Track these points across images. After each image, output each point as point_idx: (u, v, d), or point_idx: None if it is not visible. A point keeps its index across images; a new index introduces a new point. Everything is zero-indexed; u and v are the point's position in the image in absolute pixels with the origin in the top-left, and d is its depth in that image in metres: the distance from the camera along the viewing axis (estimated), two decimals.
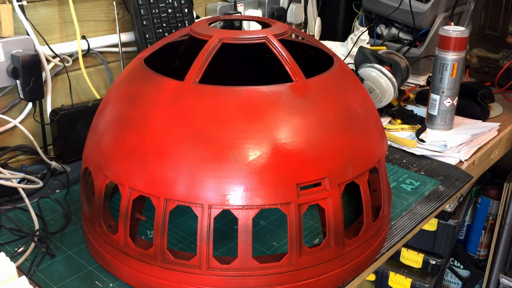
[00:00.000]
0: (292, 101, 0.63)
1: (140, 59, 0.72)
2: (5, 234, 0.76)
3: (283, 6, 1.40)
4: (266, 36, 0.69)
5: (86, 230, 0.72)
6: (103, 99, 0.73)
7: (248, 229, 0.60)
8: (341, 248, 0.65)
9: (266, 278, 0.62)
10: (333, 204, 0.62)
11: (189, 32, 0.73)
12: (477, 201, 1.70)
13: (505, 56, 1.38)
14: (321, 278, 0.65)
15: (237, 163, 0.59)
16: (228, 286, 0.62)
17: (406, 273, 1.53)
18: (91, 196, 0.75)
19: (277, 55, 0.67)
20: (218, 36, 0.68)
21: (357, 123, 0.68)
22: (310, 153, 0.61)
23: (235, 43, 0.69)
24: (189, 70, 0.64)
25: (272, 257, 0.64)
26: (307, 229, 0.78)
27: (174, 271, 0.63)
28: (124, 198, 0.63)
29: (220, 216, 0.60)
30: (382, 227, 0.74)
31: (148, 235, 0.76)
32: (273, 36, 0.69)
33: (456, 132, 1.12)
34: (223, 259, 0.62)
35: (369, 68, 1.15)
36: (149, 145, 0.62)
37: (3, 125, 0.94)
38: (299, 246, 0.62)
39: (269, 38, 0.69)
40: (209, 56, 0.65)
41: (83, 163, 0.72)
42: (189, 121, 0.61)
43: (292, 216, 0.60)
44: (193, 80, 0.63)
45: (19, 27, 0.91)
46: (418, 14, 1.38)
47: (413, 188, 0.92)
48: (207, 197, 0.59)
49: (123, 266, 0.66)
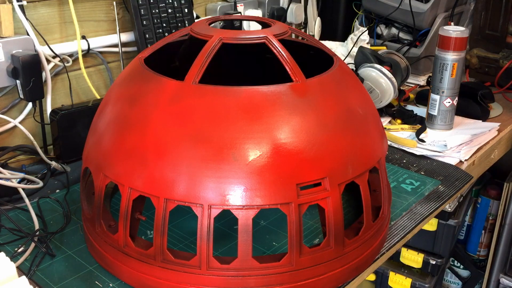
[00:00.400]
0: (292, 101, 0.63)
1: (140, 59, 0.72)
2: (5, 234, 0.76)
3: (283, 6, 1.40)
4: (266, 36, 0.69)
5: (86, 230, 0.72)
6: (103, 99, 0.73)
7: (248, 229, 0.60)
8: (341, 248, 0.65)
9: (266, 278, 0.62)
10: (333, 204, 0.62)
11: (189, 32, 0.73)
12: (477, 201, 1.70)
13: (505, 56, 1.38)
14: (321, 278, 0.65)
15: (237, 163, 0.59)
16: (228, 286, 0.62)
17: (406, 273, 1.53)
18: (91, 196, 0.75)
19: (277, 55, 0.67)
20: (218, 36, 0.68)
21: (357, 123, 0.68)
22: (310, 153, 0.61)
23: (235, 43, 0.69)
24: (189, 70, 0.64)
25: (272, 257, 0.64)
26: (307, 229, 0.78)
27: (174, 271, 0.63)
28: (124, 198, 0.63)
29: (220, 216, 0.60)
30: (382, 227, 0.74)
31: (148, 235, 0.76)
32: (273, 36, 0.69)
33: (456, 132, 1.12)
34: (223, 259, 0.62)
35: (369, 68, 1.15)
36: (149, 145, 0.62)
37: (3, 125, 0.94)
38: (299, 246, 0.62)
39: (269, 38, 0.69)
40: (209, 56, 0.65)
41: (83, 163, 0.72)
42: (189, 121, 0.61)
43: (292, 216, 0.60)
44: (193, 80, 0.63)
45: (19, 27, 0.91)
46: (418, 14, 1.38)
47: (413, 188, 0.92)
48: (207, 197, 0.59)
49: (123, 266, 0.66)
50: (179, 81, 0.64)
